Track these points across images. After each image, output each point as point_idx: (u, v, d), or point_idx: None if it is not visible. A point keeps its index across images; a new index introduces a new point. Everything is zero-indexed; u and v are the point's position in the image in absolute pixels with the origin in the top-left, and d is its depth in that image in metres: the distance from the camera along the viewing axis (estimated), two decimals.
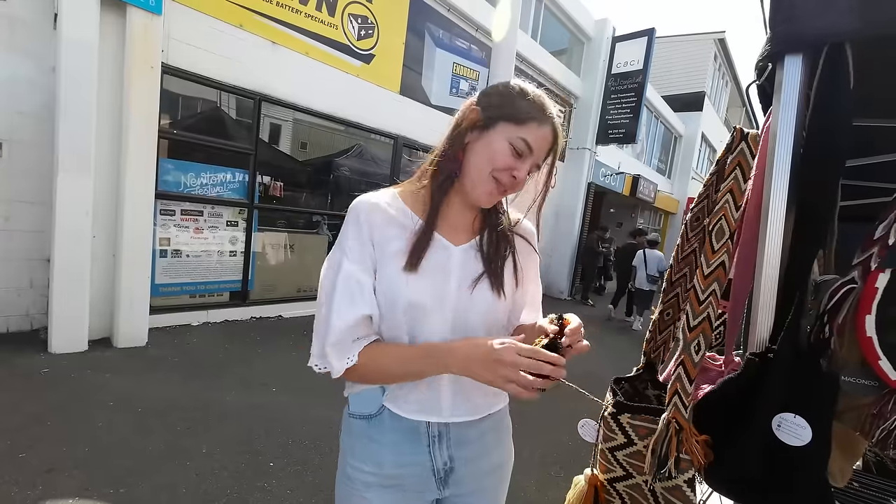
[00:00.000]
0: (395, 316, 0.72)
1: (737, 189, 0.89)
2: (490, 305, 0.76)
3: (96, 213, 3.09)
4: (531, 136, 0.72)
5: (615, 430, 0.75)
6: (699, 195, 0.88)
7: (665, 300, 0.91)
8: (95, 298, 3.17)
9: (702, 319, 0.72)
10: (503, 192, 0.75)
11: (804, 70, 0.77)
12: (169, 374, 2.98)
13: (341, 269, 0.71)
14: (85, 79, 2.87)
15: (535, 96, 0.75)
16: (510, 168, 0.72)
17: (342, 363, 0.69)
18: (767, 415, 0.64)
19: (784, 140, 0.77)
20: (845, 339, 0.60)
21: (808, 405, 0.62)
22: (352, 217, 0.74)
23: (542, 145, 0.74)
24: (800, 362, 0.63)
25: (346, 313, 0.69)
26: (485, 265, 0.78)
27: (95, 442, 2.13)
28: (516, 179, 0.73)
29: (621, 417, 0.75)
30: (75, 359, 2.98)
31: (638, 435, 0.73)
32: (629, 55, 8.57)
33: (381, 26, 5.06)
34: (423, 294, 0.71)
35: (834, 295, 0.61)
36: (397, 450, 0.75)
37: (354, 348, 0.70)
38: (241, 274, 4.37)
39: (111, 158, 3.17)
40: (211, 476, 2.02)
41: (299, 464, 2.20)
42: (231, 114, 4.19)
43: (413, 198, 0.78)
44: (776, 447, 0.63)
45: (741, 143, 0.88)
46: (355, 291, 0.70)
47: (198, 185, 3.91)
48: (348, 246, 0.72)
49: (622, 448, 0.75)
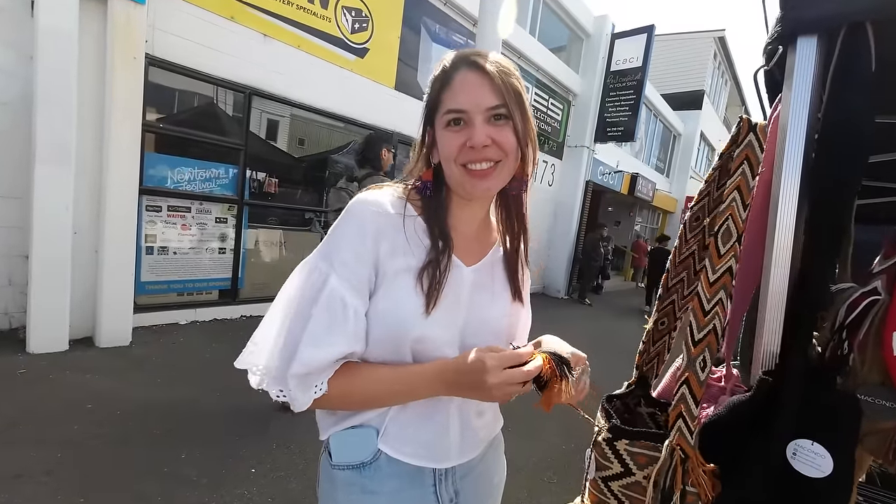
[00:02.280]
0: (398, 349, 0.62)
1: (745, 186, 0.80)
2: (500, 327, 0.70)
3: (77, 208, 2.99)
4: (451, 100, 0.61)
5: (610, 457, 0.66)
6: (700, 192, 0.80)
7: (661, 308, 0.82)
8: (77, 297, 3.08)
9: (707, 332, 0.65)
10: (487, 171, 0.62)
11: (819, 53, 0.69)
12: (152, 375, 2.90)
13: (327, 284, 0.59)
14: (64, 69, 2.77)
15: (438, 66, 0.64)
16: (461, 145, 0.61)
17: (308, 395, 0.58)
18: (781, 441, 0.57)
19: (796, 132, 0.69)
20: (867, 356, 0.52)
21: (828, 431, 0.54)
22: (353, 223, 0.61)
23: (468, 94, 0.60)
24: (816, 382, 0.56)
25: (323, 345, 0.57)
26: (497, 284, 0.71)
27: (69, 446, 2.05)
28: (475, 148, 0.60)
29: (618, 444, 0.66)
30: (55, 359, 2.89)
31: (637, 464, 0.64)
32: (628, 52, 8.48)
33: (375, 20, 4.95)
34: (436, 326, 0.62)
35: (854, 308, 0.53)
36: (397, 497, 0.64)
37: (324, 376, 0.59)
38: (231, 272, 4.28)
39: (93, 152, 3.07)
40: (188, 483, 1.93)
41: (282, 469, 2.12)
42: (220, 108, 4.08)
43: (423, 205, 0.66)
44: (791, 478, 0.55)
45: (749, 135, 0.80)
46: (338, 318, 0.58)
47: (185, 181, 3.81)
48: (341, 259, 0.59)
49: (618, 478, 0.66)
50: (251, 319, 4.37)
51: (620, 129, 8.73)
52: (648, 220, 15.52)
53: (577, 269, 9.23)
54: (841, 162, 0.64)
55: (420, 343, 0.62)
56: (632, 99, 8.48)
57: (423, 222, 0.64)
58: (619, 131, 8.76)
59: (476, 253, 0.71)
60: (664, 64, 14.76)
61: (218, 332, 3.89)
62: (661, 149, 14.24)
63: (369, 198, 0.63)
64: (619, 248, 12.80)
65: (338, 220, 0.63)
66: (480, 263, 0.70)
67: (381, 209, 0.62)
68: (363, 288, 0.60)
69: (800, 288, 0.57)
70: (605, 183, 10.10)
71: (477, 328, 0.67)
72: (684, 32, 15.83)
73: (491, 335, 0.68)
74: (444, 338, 0.64)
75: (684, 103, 14.14)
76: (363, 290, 0.60)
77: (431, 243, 0.63)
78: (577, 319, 7.19)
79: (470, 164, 0.61)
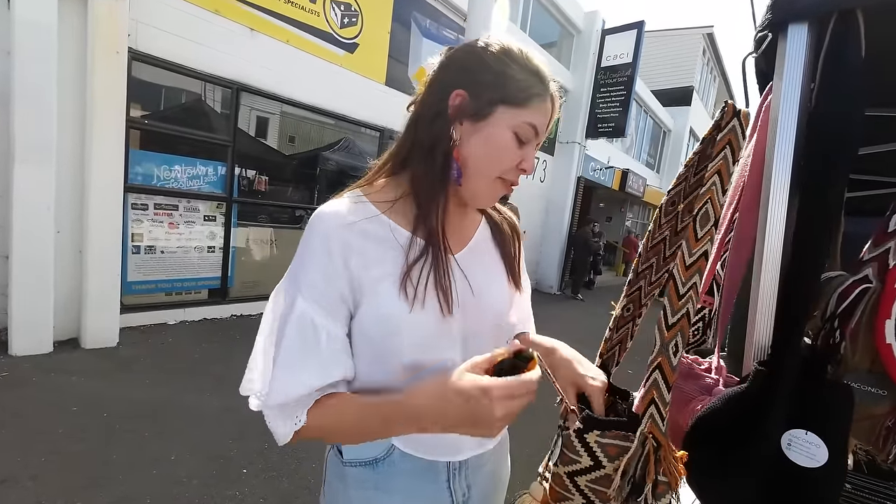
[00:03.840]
0: (390, 367, 0.58)
1: (725, 170, 0.79)
2: (501, 313, 0.67)
3: (60, 207, 2.92)
4: (537, 117, 0.59)
5: (579, 450, 0.62)
6: (678, 176, 0.79)
7: (628, 292, 0.81)
8: (61, 297, 3.01)
9: (681, 316, 0.64)
10: (510, 189, 0.64)
11: (810, 41, 0.68)
12: (139, 376, 2.85)
13: (294, 308, 0.54)
14: (43, 63, 2.68)
15: (527, 60, 0.60)
16: (518, 162, 0.60)
17: (287, 427, 0.55)
18: (775, 432, 0.56)
19: (787, 121, 0.69)
20: (858, 345, 0.52)
21: (822, 420, 0.54)
22: (315, 239, 0.56)
23: (545, 122, 0.62)
24: (809, 372, 0.55)
25: (296, 371, 0.54)
26: (491, 267, 0.68)
27: (54, 450, 2.00)
28: (526, 172, 0.62)
29: (588, 436, 0.61)
30: (39, 361, 2.82)
31: (607, 456, 0.60)
32: (619, 48, 8.51)
33: (365, 14, 4.89)
34: (428, 325, 0.58)
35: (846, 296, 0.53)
36: (412, 494, 0.62)
37: (302, 406, 0.55)
38: (221, 270, 4.21)
39: (75, 149, 2.99)
40: (178, 485, 1.90)
41: (274, 469, 2.09)
42: (207, 103, 4.01)
43: (389, 204, 0.61)
44: (787, 469, 0.55)
45: (733, 120, 0.79)
46: (310, 342, 0.54)
47: (172, 178, 3.74)
48: (308, 281, 0.55)
49: (586, 472, 0.62)
50: (242, 319, 4.32)
51: (611, 125, 8.77)
52: (639, 215, 15.66)
53: (569, 265, 9.28)
54: (832, 148, 0.64)
55: (415, 350, 0.58)
56: (622, 95, 8.52)
57: (390, 220, 0.60)
58: (609, 127, 8.81)
59: (461, 237, 0.66)
60: (654, 60, 14.86)
61: (208, 332, 3.84)
62: (652, 145, 14.36)
63: (328, 210, 0.58)
64: (610, 244, 12.90)
65: (302, 239, 0.59)
66: (467, 248, 0.66)
67: (343, 221, 0.57)
68: (336, 308, 0.56)
69: (791, 278, 0.57)
70: (597, 179, 10.15)
71: (478, 320, 0.63)
72: (673, 29, 15.95)
73: (492, 326, 0.65)
74: (440, 333, 0.60)
75: (674, 99, 14.26)
76: (336, 311, 0.56)
77: (406, 240, 0.59)
78: (570, 315, 7.23)
79: (507, 180, 0.61)
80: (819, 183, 0.63)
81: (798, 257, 0.53)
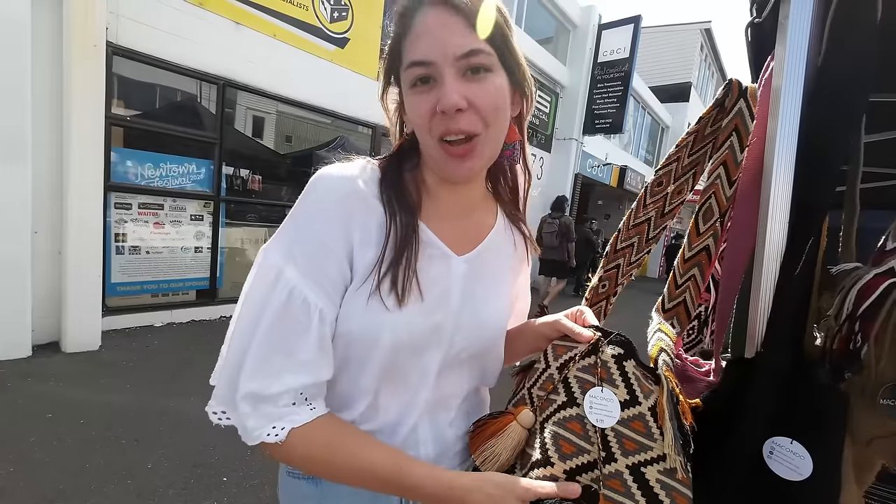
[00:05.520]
0: (365, 369, 0.51)
1: (731, 161, 0.72)
2: (498, 331, 0.60)
3: (37, 207, 2.82)
4: (413, 49, 0.47)
5: (617, 380, 0.50)
6: (668, 156, 0.73)
7: (605, 268, 0.77)
8: (40, 300, 2.92)
9: (677, 303, 0.61)
10: (466, 149, 0.49)
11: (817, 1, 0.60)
12: (120, 381, 2.75)
13: (281, 279, 0.46)
14: (17, 57, 2.59)
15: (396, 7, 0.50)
16: (431, 110, 0.47)
17: (260, 431, 0.46)
18: (756, 439, 0.49)
19: (792, 91, 0.60)
20: (885, 349, 0.44)
21: (808, 428, 0.46)
22: (317, 203, 0.49)
23: (432, 41, 0.46)
24: (799, 373, 0.48)
25: (275, 365, 0.46)
26: (499, 274, 0.62)
27: (24, 460, 1.91)
28: (447, 113, 0.46)
29: (627, 364, 0.51)
30: (16, 366, 2.73)
31: (643, 391, 0.49)
32: (615, 43, 8.43)
33: (355, 8, 4.79)
34: (414, 330, 0.50)
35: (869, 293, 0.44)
36: None
37: (285, 416, 0.46)
38: (209, 271, 4.12)
39: (52, 146, 2.90)
40: (153, 495, 1.82)
41: (256, 477, 2.01)
42: (192, 100, 3.91)
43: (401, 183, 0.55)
44: (766, 480, 0.47)
45: (739, 102, 0.71)
46: (299, 323, 0.46)
47: (157, 177, 3.64)
48: (303, 250, 0.47)
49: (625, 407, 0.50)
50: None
51: (608, 121, 8.68)
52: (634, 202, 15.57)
53: None
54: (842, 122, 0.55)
55: (396, 353, 0.50)
56: (619, 90, 8.43)
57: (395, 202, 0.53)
58: (607, 123, 8.72)
59: (470, 239, 0.59)
60: (651, 56, 14.77)
61: (196, 334, 3.75)
62: (650, 141, 14.27)
63: (335, 172, 0.50)
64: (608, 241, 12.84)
65: (299, 200, 0.50)
66: (477, 250, 0.59)
67: (352, 187, 0.49)
68: (332, 287, 0.48)
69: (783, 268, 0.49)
70: (595, 176, 10.07)
71: (471, 330, 0.56)
72: (671, 25, 15.86)
73: (481, 338, 0.58)
74: (424, 344, 0.53)
75: (672, 95, 14.18)
76: (332, 290, 0.48)
77: (390, 232, 0.51)
78: None
79: (446, 136, 0.48)
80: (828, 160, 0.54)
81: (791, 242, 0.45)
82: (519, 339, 0.66)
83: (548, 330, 0.59)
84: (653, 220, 0.74)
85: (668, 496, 0.43)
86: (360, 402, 0.53)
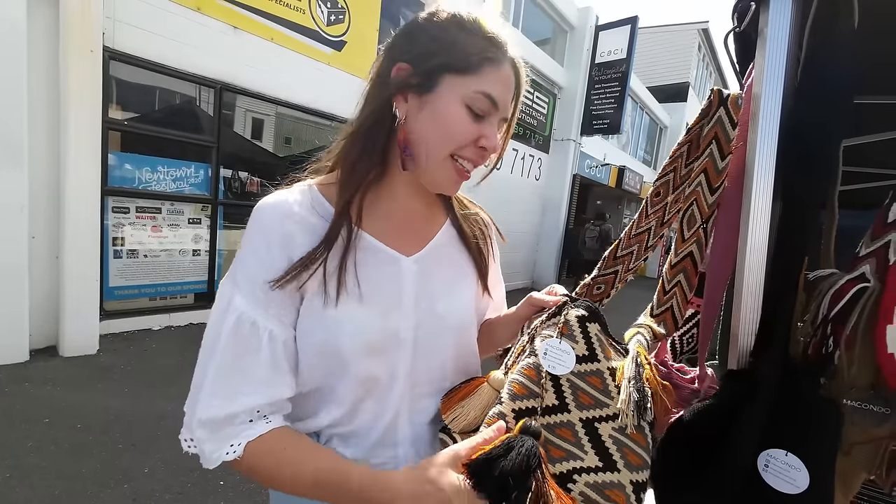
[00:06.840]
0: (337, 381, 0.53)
1: (712, 168, 0.74)
2: (462, 322, 0.61)
3: (35, 211, 2.83)
4: (493, 85, 0.52)
5: (577, 337, 0.52)
6: (664, 167, 0.75)
7: (602, 273, 0.78)
8: (37, 304, 2.92)
9: (665, 309, 0.64)
10: (471, 170, 0.57)
11: (795, 10, 0.61)
12: (118, 385, 2.76)
13: (231, 306, 0.49)
14: (13, 62, 2.59)
15: (478, 24, 0.54)
16: (475, 138, 0.53)
17: (218, 452, 0.47)
18: (751, 451, 0.49)
19: (770, 100, 0.61)
20: (855, 354, 0.44)
21: (804, 440, 0.46)
22: (257, 233, 0.52)
23: (505, 93, 0.55)
24: (791, 383, 0.48)
25: (231, 380, 0.48)
26: (455, 269, 0.63)
27: (20, 465, 1.92)
28: (487, 150, 0.55)
29: (590, 326, 0.53)
30: (13, 370, 2.74)
31: (604, 353, 0.52)
32: (613, 44, 8.44)
33: (352, 11, 4.81)
34: (372, 332, 0.52)
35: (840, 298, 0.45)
36: None
37: (241, 433, 0.48)
38: (207, 274, 4.13)
39: (49, 150, 2.91)
40: (150, 499, 1.82)
41: (252, 481, 2.01)
42: (190, 103, 3.92)
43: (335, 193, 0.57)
44: (762, 493, 0.48)
45: (719, 110, 0.72)
46: (250, 345, 0.48)
47: (154, 181, 3.65)
48: (248, 276, 0.50)
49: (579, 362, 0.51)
50: None
51: (606, 122, 8.69)
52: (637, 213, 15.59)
53: (566, 264, 9.18)
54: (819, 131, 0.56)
55: (360, 356, 0.52)
56: (617, 91, 8.45)
57: (332, 209, 0.55)
58: (605, 124, 8.73)
59: (419, 238, 0.61)
60: (649, 57, 14.80)
61: (194, 338, 3.74)
62: (648, 141, 14.29)
63: (271, 200, 0.54)
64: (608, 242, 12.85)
65: (244, 232, 0.54)
66: (426, 249, 0.61)
67: (286, 210, 0.53)
68: (280, 308, 0.51)
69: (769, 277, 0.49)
70: (593, 176, 10.08)
71: (434, 325, 0.57)
72: (668, 25, 15.89)
73: (452, 331, 0.60)
74: (387, 343, 0.54)
75: (670, 96, 14.20)
76: (281, 311, 0.51)
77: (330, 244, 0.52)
78: None
79: (463, 161, 0.55)
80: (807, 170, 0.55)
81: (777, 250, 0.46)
82: (502, 327, 0.68)
83: (525, 309, 0.63)
84: (653, 229, 0.77)
85: (619, 452, 0.45)
86: (336, 407, 0.54)
